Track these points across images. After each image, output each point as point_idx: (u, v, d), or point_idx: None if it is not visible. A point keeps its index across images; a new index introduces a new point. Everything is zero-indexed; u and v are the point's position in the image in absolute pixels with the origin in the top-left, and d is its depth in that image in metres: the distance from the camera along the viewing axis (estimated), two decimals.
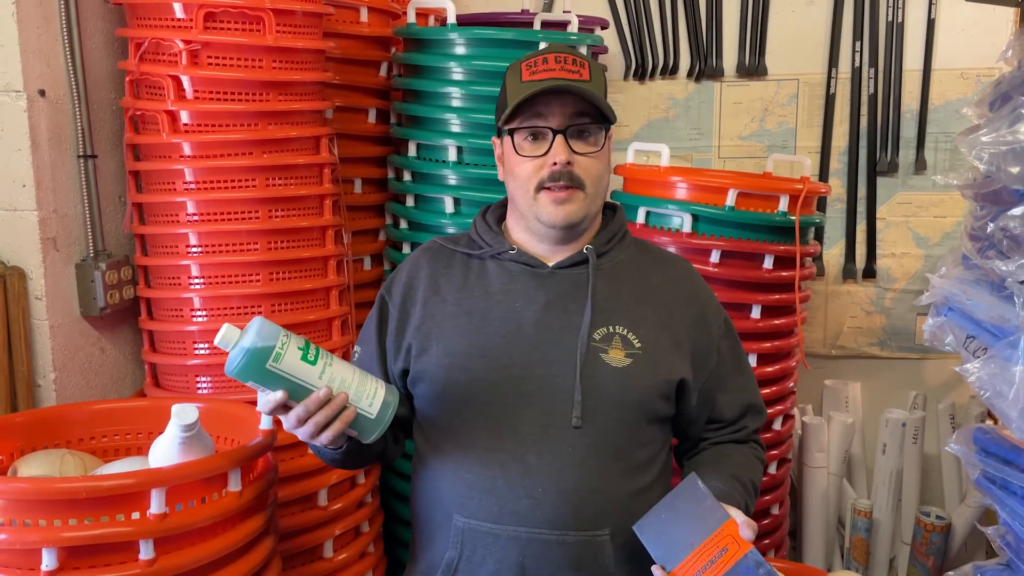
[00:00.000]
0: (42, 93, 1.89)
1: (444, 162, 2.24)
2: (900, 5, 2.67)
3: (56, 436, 1.73)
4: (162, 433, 1.53)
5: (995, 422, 1.99)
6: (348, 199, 2.25)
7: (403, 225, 2.38)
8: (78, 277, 1.98)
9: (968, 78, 2.67)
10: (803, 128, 2.76)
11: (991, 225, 1.27)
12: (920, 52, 2.68)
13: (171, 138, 1.86)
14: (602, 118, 1.41)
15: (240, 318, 1.91)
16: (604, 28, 2.58)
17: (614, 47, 2.77)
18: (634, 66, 2.79)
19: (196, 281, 1.92)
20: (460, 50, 2.22)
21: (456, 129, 2.23)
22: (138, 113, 1.92)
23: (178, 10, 1.82)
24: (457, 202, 2.25)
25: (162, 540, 1.40)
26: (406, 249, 2.36)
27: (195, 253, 1.90)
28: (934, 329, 1.46)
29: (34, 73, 1.87)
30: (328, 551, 2.02)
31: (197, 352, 1.94)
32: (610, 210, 1.56)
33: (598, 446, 1.38)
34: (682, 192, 2.15)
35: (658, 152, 2.22)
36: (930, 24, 2.67)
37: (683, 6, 2.75)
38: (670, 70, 2.79)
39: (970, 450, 1.34)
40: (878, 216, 2.76)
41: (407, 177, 2.34)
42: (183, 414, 1.50)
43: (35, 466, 1.59)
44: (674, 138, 2.78)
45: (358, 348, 1.55)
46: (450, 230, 2.22)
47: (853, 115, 2.73)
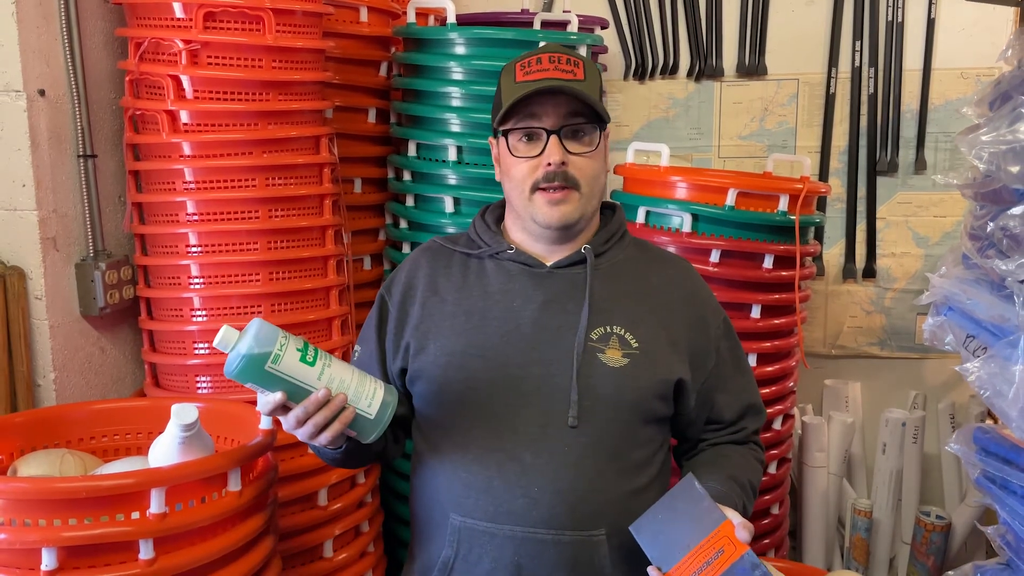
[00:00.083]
0: (42, 93, 1.89)
1: (444, 162, 2.24)
2: (900, 5, 2.67)
3: (56, 436, 1.73)
4: (162, 433, 1.54)
5: (995, 421, 1.98)
6: (348, 199, 2.25)
7: (403, 225, 2.38)
8: (78, 277, 1.98)
9: (968, 78, 2.67)
10: (803, 128, 2.76)
11: (991, 224, 1.27)
12: (920, 52, 2.68)
13: (171, 138, 1.86)
14: (596, 118, 1.40)
15: (240, 318, 1.92)
16: (604, 28, 2.58)
17: (614, 47, 2.77)
18: (634, 66, 2.79)
19: (196, 281, 1.92)
20: (460, 50, 2.22)
21: (456, 129, 2.23)
22: (138, 113, 1.92)
23: (178, 10, 1.82)
24: (457, 202, 2.25)
25: (162, 540, 1.40)
26: (406, 249, 2.36)
27: (195, 253, 1.91)
28: (934, 328, 1.45)
29: (34, 73, 1.87)
30: (328, 551, 2.02)
31: (197, 352, 1.94)
32: (609, 210, 1.56)
33: (595, 446, 1.37)
34: (682, 192, 2.15)
35: (658, 152, 2.22)
36: (930, 24, 2.67)
37: (683, 6, 2.75)
38: (670, 70, 2.79)
39: (970, 449, 1.34)
40: (878, 216, 2.76)
41: (407, 177, 2.34)
42: (183, 414, 1.50)
43: (35, 466, 1.59)
44: (674, 138, 2.78)
45: (358, 347, 1.55)
46: (450, 230, 2.21)
47: (853, 115, 2.73)
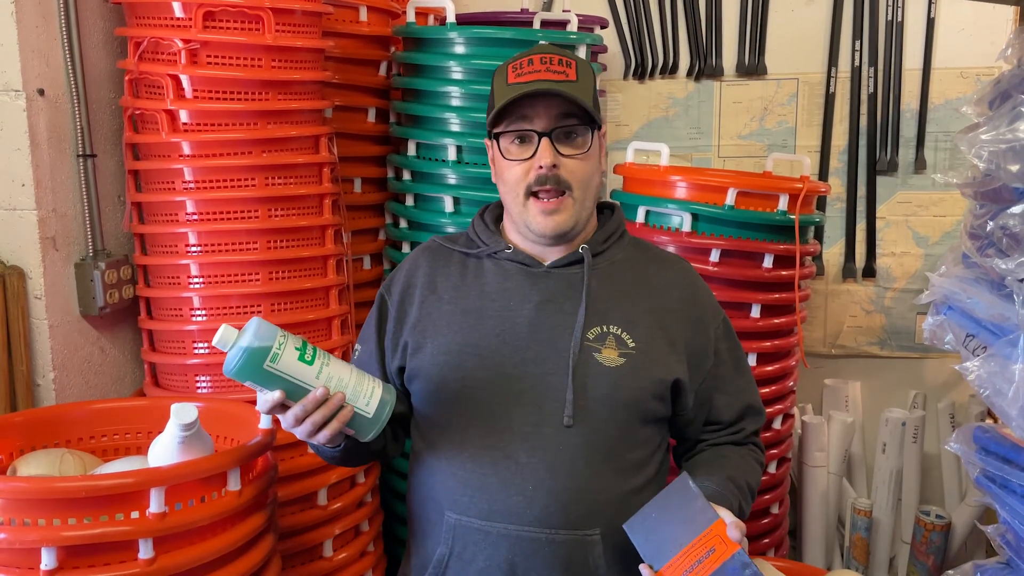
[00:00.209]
0: (41, 92, 1.89)
1: (444, 161, 2.24)
2: (900, 4, 2.67)
3: (55, 435, 1.73)
4: (161, 432, 1.53)
5: (995, 421, 1.98)
6: (348, 198, 2.25)
7: (403, 224, 2.38)
8: (77, 276, 1.98)
9: (968, 77, 2.67)
10: (803, 127, 2.76)
11: (991, 223, 1.26)
12: (920, 51, 2.68)
13: (170, 137, 1.86)
14: (589, 119, 1.40)
15: (240, 317, 1.91)
16: (604, 27, 2.58)
17: (614, 46, 2.77)
18: (634, 65, 2.79)
19: (195, 280, 1.92)
20: (460, 49, 2.22)
21: (456, 128, 2.23)
22: (137, 112, 1.92)
23: (177, 9, 1.82)
24: (457, 201, 2.24)
25: (161, 539, 1.40)
26: (406, 248, 2.36)
27: (194, 252, 1.90)
28: (934, 328, 1.45)
29: (33, 72, 1.87)
30: (328, 550, 2.01)
31: (196, 351, 1.94)
32: (608, 209, 1.56)
33: (590, 446, 1.37)
34: (682, 191, 2.15)
35: (658, 151, 2.22)
36: (930, 23, 2.67)
37: (683, 5, 2.75)
38: (670, 69, 2.79)
39: (970, 449, 1.34)
40: (878, 215, 2.76)
41: (407, 176, 2.34)
42: (182, 413, 1.50)
43: (34, 465, 1.59)
44: (674, 137, 2.78)
45: (358, 346, 1.55)
46: (450, 229, 2.21)
47: (853, 114, 2.73)
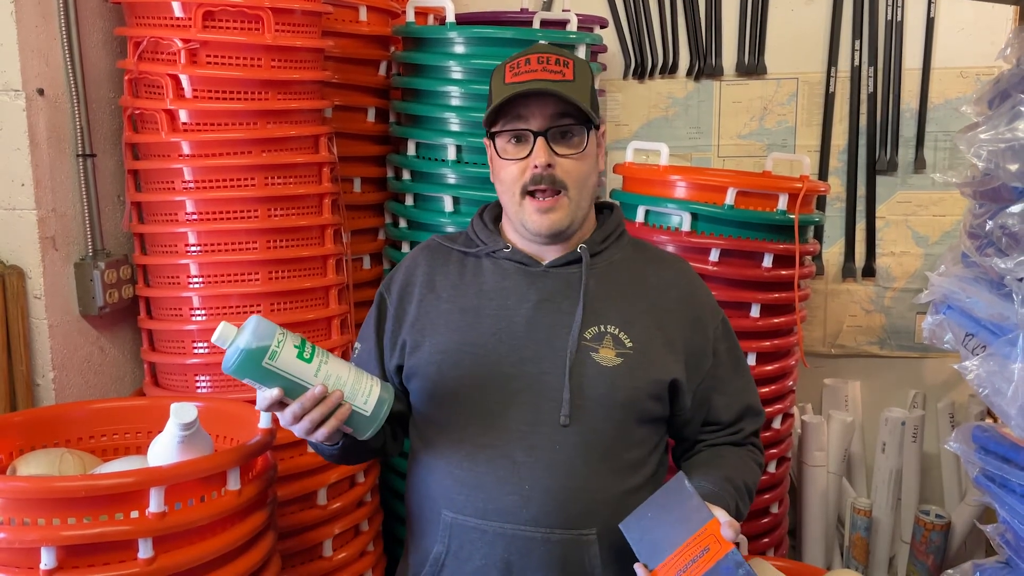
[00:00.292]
0: (41, 92, 1.89)
1: (443, 161, 2.24)
2: (899, 4, 2.67)
3: (55, 435, 1.73)
4: (161, 432, 1.53)
5: (995, 420, 1.98)
6: (347, 198, 2.25)
7: (402, 224, 2.38)
8: (77, 276, 1.98)
9: (967, 76, 2.67)
10: (802, 127, 2.76)
11: (990, 223, 1.26)
12: (919, 51, 2.68)
13: (170, 137, 1.86)
14: (585, 119, 1.39)
15: (239, 317, 1.91)
16: (603, 27, 2.58)
17: (613, 46, 2.77)
18: (633, 65, 2.79)
19: (195, 280, 1.92)
20: (459, 49, 2.22)
21: (455, 128, 2.23)
22: (137, 112, 1.92)
23: (177, 9, 1.82)
24: (456, 201, 2.24)
25: (161, 539, 1.40)
26: (405, 248, 2.36)
27: (194, 252, 1.90)
28: (933, 327, 1.45)
29: (33, 72, 1.87)
30: (327, 550, 2.01)
31: (196, 351, 1.94)
32: (607, 209, 1.56)
33: (586, 445, 1.37)
34: (681, 191, 2.15)
35: (657, 151, 2.22)
36: (929, 23, 2.67)
37: (682, 5, 2.75)
38: (669, 69, 2.79)
39: (969, 448, 1.34)
40: (877, 215, 2.76)
41: (406, 176, 2.34)
42: (182, 413, 1.50)
43: (34, 465, 1.59)
44: (673, 137, 2.78)
45: (358, 345, 1.55)
46: (449, 229, 2.21)
47: (852, 114, 2.73)
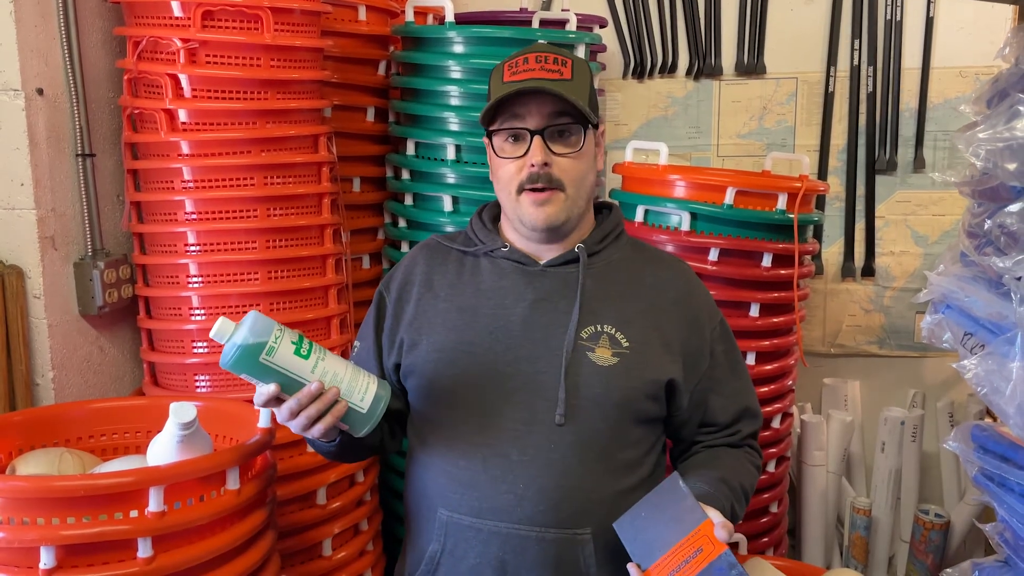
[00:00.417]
0: (40, 92, 1.89)
1: (443, 160, 2.24)
2: (899, 3, 2.67)
3: (54, 435, 1.73)
4: (160, 432, 1.53)
5: (994, 420, 1.98)
6: (347, 198, 2.25)
7: (402, 224, 2.38)
8: (76, 276, 1.98)
9: (967, 76, 2.67)
10: (802, 126, 2.77)
11: (988, 222, 1.26)
12: (919, 50, 2.68)
13: (169, 137, 1.86)
14: (582, 118, 1.39)
15: (239, 317, 1.88)
16: (603, 27, 2.58)
17: (613, 45, 2.77)
18: (633, 64, 2.79)
19: (194, 280, 1.92)
20: (458, 48, 2.22)
21: (455, 128, 2.23)
22: (136, 112, 1.92)
23: (176, 9, 1.82)
24: (456, 200, 2.24)
25: (160, 538, 1.40)
26: (405, 248, 2.36)
27: (193, 252, 1.90)
28: (932, 326, 1.45)
29: (32, 72, 1.87)
30: (327, 549, 2.01)
31: (196, 351, 1.94)
32: (606, 209, 1.56)
33: (582, 445, 1.37)
34: (680, 190, 2.15)
35: (656, 151, 2.22)
36: (929, 22, 2.67)
37: (682, 5, 2.75)
38: (669, 68, 2.79)
39: (968, 447, 1.34)
40: (877, 214, 2.76)
41: (406, 176, 2.34)
42: (181, 412, 1.50)
43: (33, 465, 1.59)
44: (673, 136, 2.79)
45: (357, 343, 1.56)
46: (448, 228, 2.21)
47: (852, 113, 2.73)
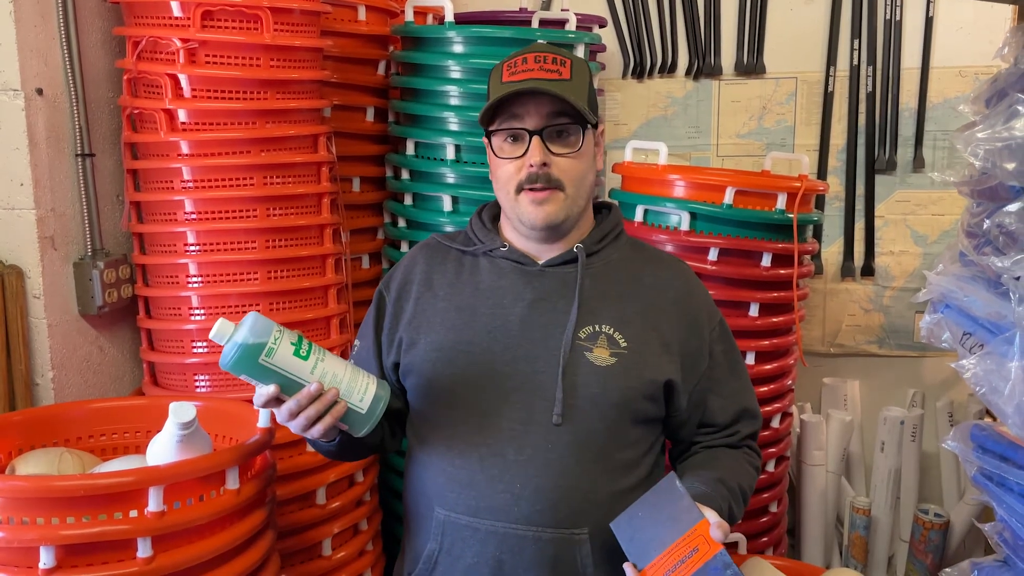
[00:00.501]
0: (40, 92, 1.89)
1: (442, 160, 2.24)
2: (898, 3, 2.67)
3: (54, 435, 1.74)
4: (160, 431, 1.54)
5: (994, 419, 1.98)
6: (346, 197, 2.25)
7: (401, 223, 2.38)
8: (76, 276, 1.98)
9: (966, 76, 2.67)
10: (801, 126, 2.77)
11: (987, 221, 1.27)
12: (918, 50, 2.68)
13: (169, 136, 1.86)
14: (581, 118, 1.39)
15: (238, 316, 1.89)
16: (602, 26, 2.59)
17: (612, 45, 2.77)
18: (632, 64, 2.79)
19: (194, 280, 1.92)
20: (458, 48, 2.22)
21: (454, 127, 2.23)
22: (136, 112, 1.92)
23: (175, 9, 1.82)
24: (455, 200, 2.24)
25: (160, 538, 1.40)
26: (404, 247, 2.36)
27: (193, 251, 1.91)
28: (931, 326, 1.45)
29: (31, 72, 1.87)
30: (327, 549, 2.02)
31: (195, 351, 1.94)
32: (605, 209, 1.56)
33: (579, 444, 1.37)
34: (680, 190, 2.15)
35: (656, 150, 2.22)
36: (928, 22, 2.67)
37: (681, 5, 2.75)
38: (668, 68, 2.79)
39: (967, 447, 1.34)
40: (876, 214, 2.76)
41: (405, 175, 2.34)
42: (180, 412, 1.50)
43: (33, 464, 1.59)
44: (672, 136, 2.79)
45: (358, 342, 1.56)
46: (448, 228, 2.21)
47: (851, 113, 2.73)
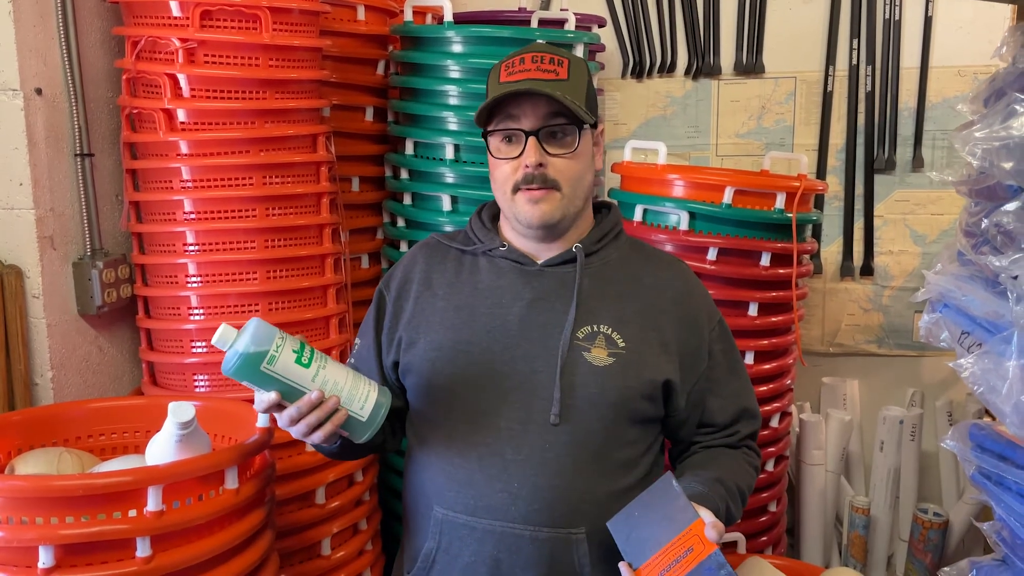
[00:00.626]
0: (39, 91, 1.89)
1: (441, 160, 2.24)
2: (897, 3, 2.67)
3: (53, 434, 1.74)
4: (159, 431, 1.54)
5: (992, 419, 1.98)
6: (345, 197, 2.25)
7: (400, 223, 2.38)
8: (75, 275, 1.99)
9: (965, 75, 2.67)
10: (800, 126, 2.77)
11: (985, 221, 1.27)
12: (917, 49, 2.68)
13: (168, 136, 1.86)
14: (577, 118, 1.39)
15: (237, 316, 1.92)
16: (601, 26, 2.59)
17: (611, 45, 2.77)
18: (631, 64, 2.79)
19: (193, 279, 1.92)
20: (457, 48, 2.22)
21: (453, 127, 2.23)
22: (135, 111, 1.92)
23: (174, 8, 1.82)
24: (454, 200, 2.24)
25: (159, 537, 1.40)
26: (403, 247, 2.36)
27: (192, 251, 1.91)
28: (930, 325, 1.46)
29: (31, 72, 1.87)
30: (326, 549, 2.02)
31: (194, 350, 1.94)
32: (605, 208, 1.56)
33: (577, 444, 1.38)
34: (679, 190, 2.15)
35: (655, 150, 2.22)
36: (927, 21, 2.67)
37: (680, 4, 2.75)
38: (667, 68, 2.79)
39: (966, 446, 1.34)
40: (876, 214, 2.76)
41: (404, 175, 2.34)
42: (179, 412, 1.50)
43: (32, 464, 1.59)
44: (672, 136, 2.79)
45: (358, 340, 1.56)
46: (447, 228, 2.21)
47: (850, 113, 2.73)
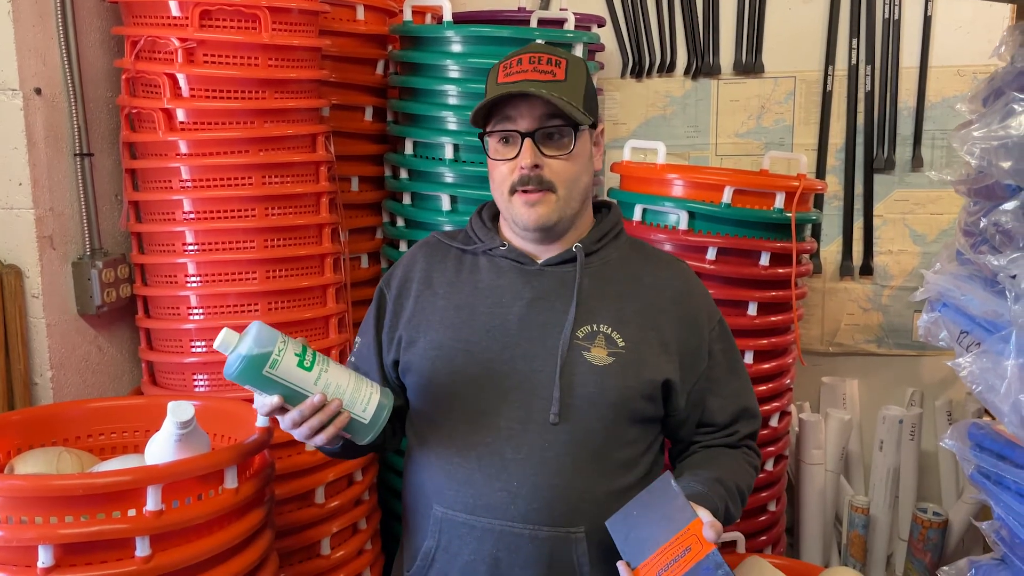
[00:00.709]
0: (38, 91, 1.89)
1: (441, 160, 2.24)
2: (897, 2, 2.67)
3: (53, 434, 1.74)
4: (158, 431, 1.54)
5: (991, 418, 1.99)
6: (345, 197, 2.26)
7: (400, 223, 2.39)
8: (75, 275, 1.99)
9: (965, 75, 2.67)
10: (800, 125, 2.77)
11: (984, 220, 1.27)
12: (917, 49, 2.68)
13: (167, 136, 1.87)
14: (574, 119, 1.39)
15: (237, 316, 1.92)
16: (601, 26, 2.59)
17: (611, 45, 2.77)
18: (631, 64, 2.79)
19: (193, 279, 1.92)
20: (456, 48, 2.22)
21: (453, 127, 2.23)
22: (134, 111, 1.92)
23: (174, 8, 1.83)
24: (454, 200, 2.25)
25: (158, 537, 1.41)
26: (403, 247, 2.36)
27: (192, 251, 1.91)
28: (929, 325, 1.46)
29: (30, 71, 1.87)
30: (325, 548, 2.02)
31: (194, 350, 1.94)
32: (605, 208, 1.56)
33: (576, 444, 1.38)
34: (678, 189, 2.15)
35: (655, 150, 2.22)
36: (927, 21, 2.67)
37: (680, 4, 2.75)
38: (667, 68, 2.79)
39: (965, 445, 1.34)
40: (875, 213, 2.76)
41: (404, 175, 2.34)
42: (179, 411, 1.50)
43: (32, 464, 1.59)
44: (671, 136, 2.78)
45: (359, 339, 1.57)
46: (447, 227, 2.21)
47: (850, 112, 2.73)
